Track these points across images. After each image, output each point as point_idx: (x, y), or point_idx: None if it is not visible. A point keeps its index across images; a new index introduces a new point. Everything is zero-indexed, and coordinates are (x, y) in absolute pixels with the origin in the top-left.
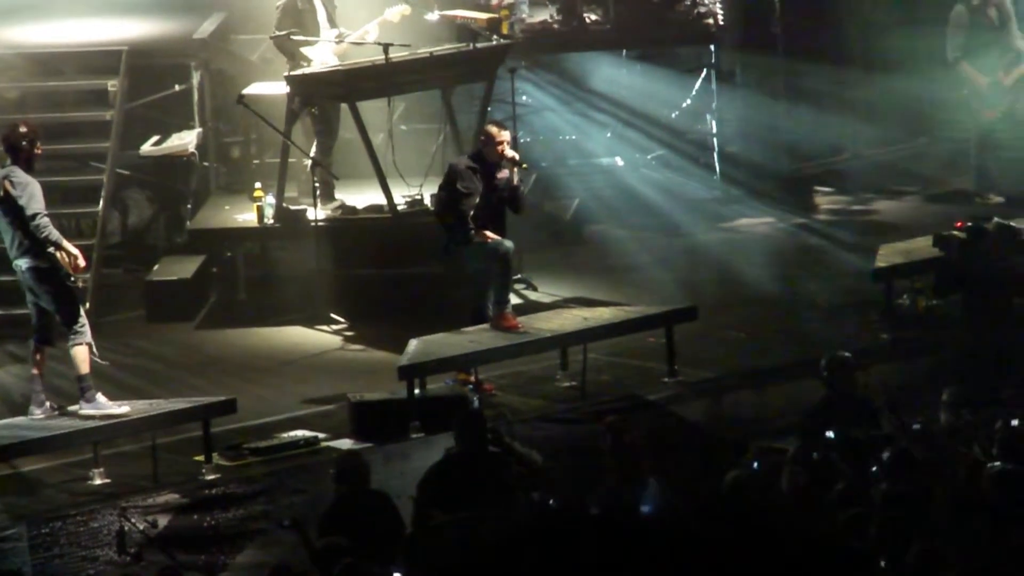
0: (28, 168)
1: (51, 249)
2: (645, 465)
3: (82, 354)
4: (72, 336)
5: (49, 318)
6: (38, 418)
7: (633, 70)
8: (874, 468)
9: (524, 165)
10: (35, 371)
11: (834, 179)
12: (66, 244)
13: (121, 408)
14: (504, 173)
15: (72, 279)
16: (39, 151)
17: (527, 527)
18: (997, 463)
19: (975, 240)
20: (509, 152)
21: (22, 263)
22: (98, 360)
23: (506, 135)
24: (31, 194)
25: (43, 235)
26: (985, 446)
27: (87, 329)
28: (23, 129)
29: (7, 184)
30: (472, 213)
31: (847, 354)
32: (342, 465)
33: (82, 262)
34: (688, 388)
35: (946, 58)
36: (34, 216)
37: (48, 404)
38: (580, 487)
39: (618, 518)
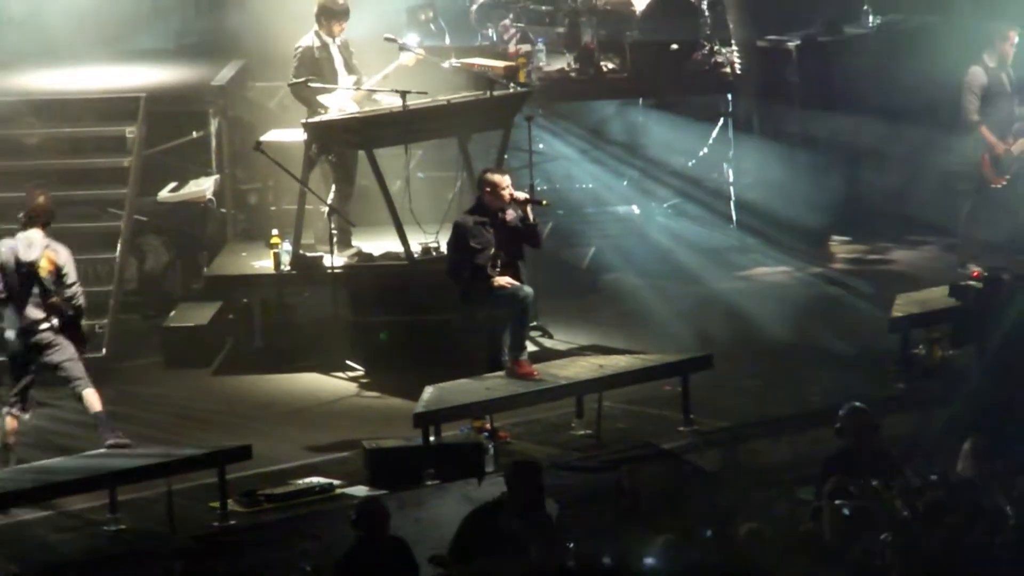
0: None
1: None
2: (658, 516)
3: (94, 393)
4: (80, 382)
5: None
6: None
7: (650, 118)
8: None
9: (544, 202)
10: (9, 440)
11: (851, 228)
12: None
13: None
14: (510, 214)
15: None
16: None
17: None
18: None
19: (992, 290)
20: (519, 194)
21: (46, 324)
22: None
23: (507, 179)
24: (73, 265)
25: (79, 303)
26: (1006, 498)
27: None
28: (45, 200)
29: (52, 254)
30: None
31: (860, 404)
32: (361, 511)
33: None
34: (704, 437)
35: (965, 119)
36: (75, 283)
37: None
38: (593, 537)
39: (628, 571)
